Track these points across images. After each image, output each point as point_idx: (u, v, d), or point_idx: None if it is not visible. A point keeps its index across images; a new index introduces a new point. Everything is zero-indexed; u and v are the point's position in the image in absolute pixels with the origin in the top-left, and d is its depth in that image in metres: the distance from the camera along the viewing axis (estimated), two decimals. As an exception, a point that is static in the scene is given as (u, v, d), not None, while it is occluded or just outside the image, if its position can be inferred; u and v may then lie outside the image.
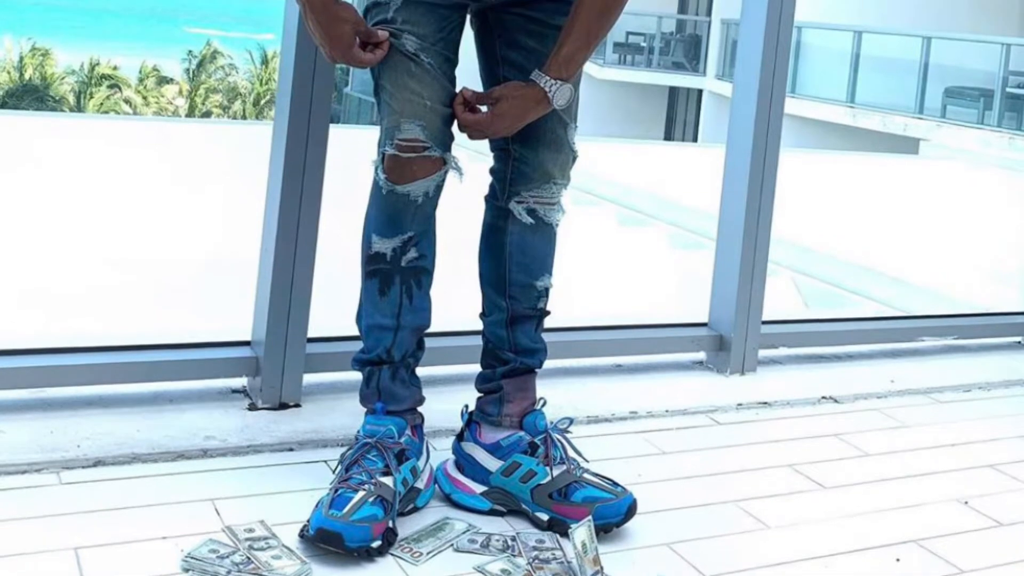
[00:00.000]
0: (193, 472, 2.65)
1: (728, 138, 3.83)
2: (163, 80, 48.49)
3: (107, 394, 2.96)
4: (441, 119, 2.50)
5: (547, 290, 2.73)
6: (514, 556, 2.40)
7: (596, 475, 2.59)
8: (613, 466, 2.80)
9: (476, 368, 2.76)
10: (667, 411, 3.33)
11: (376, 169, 2.52)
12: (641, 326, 3.81)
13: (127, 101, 44.92)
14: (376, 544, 2.33)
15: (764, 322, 3.81)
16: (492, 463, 2.62)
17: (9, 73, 43.69)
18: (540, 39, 2.60)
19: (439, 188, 2.55)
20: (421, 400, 2.65)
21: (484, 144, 2.63)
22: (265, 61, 46.61)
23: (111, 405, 2.91)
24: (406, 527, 2.46)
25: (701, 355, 3.81)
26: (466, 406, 2.74)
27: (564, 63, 2.49)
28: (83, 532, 2.31)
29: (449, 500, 2.63)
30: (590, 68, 25.57)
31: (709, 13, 27.71)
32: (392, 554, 2.35)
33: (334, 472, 2.50)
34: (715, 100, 25.49)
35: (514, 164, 2.64)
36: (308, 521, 2.36)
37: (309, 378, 3.11)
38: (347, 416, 2.97)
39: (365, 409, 2.60)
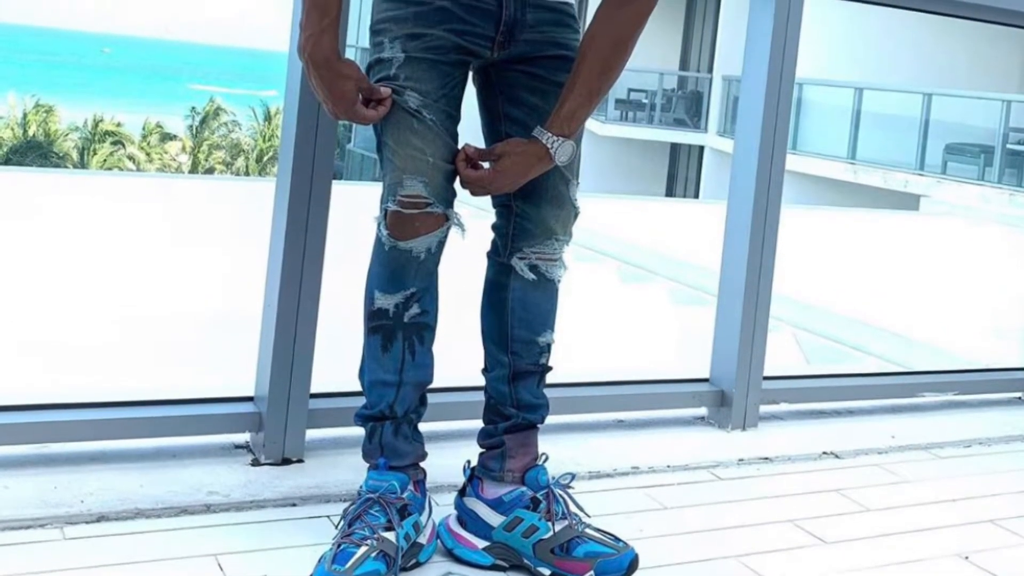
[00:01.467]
0: (196, 528, 2.65)
1: (729, 194, 3.84)
2: (166, 137, 48.68)
3: (110, 449, 2.97)
4: (443, 175, 2.52)
5: (549, 346, 2.74)
6: (516, 611, 2.40)
7: (598, 530, 2.60)
8: (615, 521, 2.81)
9: (478, 423, 2.77)
10: (668, 466, 3.33)
11: (379, 225, 2.54)
12: (642, 382, 3.81)
13: (130, 158, 45.05)
14: (379, 599, 2.34)
15: (765, 377, 3.81)
16: (494, 518, 2.63)
17: (13, 130, 43.84)
18: (542, 96, 2.62)
19: (441, 244, 2.56)
20: (423, 455, 2.66)
21: (486, 200, 2.65)
22: (268, 118, 46.79)
23: (114, 461, 2.92)
24: (408, 582, 2.46)
25: (702, 410, 3.82)
26: (468, 461, 2.75)
27: (566, 120, 2.51)
28: (87, 588, 2.32)
29: (451, 555, 2.63)
30: (592, 124, 25.66)
31: (710, 70, 27.82)
32: (395, 609, 2.36)
33: (337, 527, 2.50)
34: (717, 157, 25.57)
35: (516, 220, 2.66)
36: (311, 576, 2.36)
37: (312, 433, 3.11)
38: (350, 471, 2.98)
39: (368, 464, 2.61)
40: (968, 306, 10.54)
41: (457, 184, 2.56)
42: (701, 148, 27.87)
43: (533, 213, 2.64)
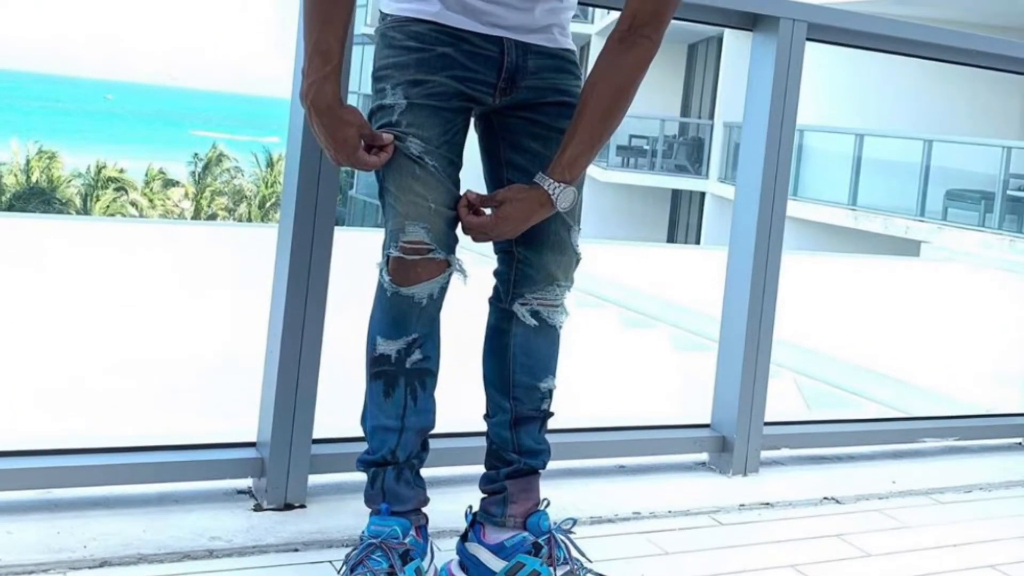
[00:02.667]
0: (199, 573, 2.65)
1: (731, 240, 3.85)
2: (169, 183, 48.79)
3: (113, 495, 2.97)
4: (445, 222, 2.53)
5: (551, 391, 2.75)
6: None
7: (599, 575, 2.60)
8: (616, 567, 2.81)
9: (480, 469, 2.77)
10: (670, 511, 3.33)
11: (381, 271, 2.55)
12: (644, 427, 3.82)
13: (133, 204, 45.14)
14: (381, 644, 2.34)
15: (766, 423, 3.82)
16: (496, 563, 2.63)
17: (16, 176, 43.95)
18: (544, 142, 2.64)
19: (443, 290, 2.57)
20: (425, 501, 2.66)
21: (488, 246, 2.66)
22: (270, 164, 46.92)
23: (117, 506, 2.93)
24: (410, 627, 2.46)
25: (704, 456, 3.82)
26: (470, 507, 2.76)
27: (568, 166, 2.53)
28: (89, 633, 2.32)
29: (453, 600, 2.64)
30: (593, 171, 25.70)
31: (712, 116, 27.88)
32: (396, 654, 2.36)
33: (339, 573, 2.51)
34: (718, 203, 25.60)
35: (518, 266, 2.67)
36: (313, 621, 2.37)
37: (314, 479, 3.12)
38: (352, 517, 2.98)
39: (370, 510, 2.62)
40: (969, 352, 10.53)
41: (459, 230, 2.57)
42: (702, 194, 27.91)
43: (535, 259, 2.65)
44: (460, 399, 3.07)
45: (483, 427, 2.78)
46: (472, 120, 2.68)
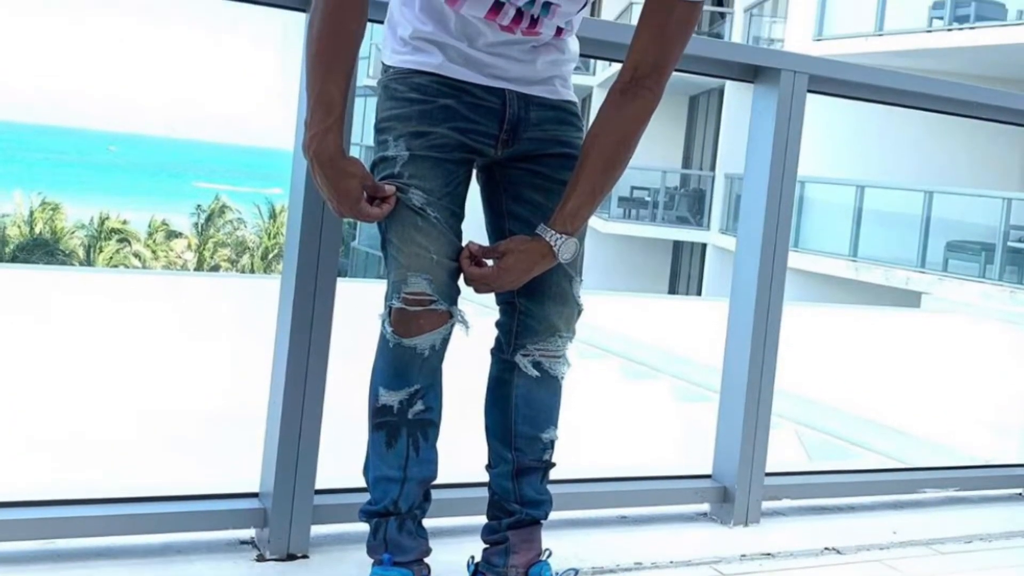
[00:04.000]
0: (201, 623, 2.66)
1: (732, 292, 3.85)
2: (172, 234, 48.85)
3: (116, 545, 2.97)
4: (447, 273, 2.54)
5: (552, 442, 2.76)
6: None
7: (601, 625, 2.61)
8: (618, 617, 2.81)
9: (482, 519, 2.78)
10: (671, 562, 3.33)
11: (383, 322, 2.56)
12: (645, 478, 3.82)
13: (136, 255, 45.18)
14: None
15: (767, 474, 3.81)
16: (498, 613, 2.64)
17: (20, 227, 44.01)
18: (545, 193, 2.65)
19: (445, 341, 2.58)
20: (428, 551, 2.67)
21: (490, 298, 2.67)
22: (273, 215, 46.99)
23: (120, 556, 2.93)
24: (412, 678, 2.46)
25: (705, 506, 3.82)
26: (472, 557, 2.76)
27: (569, 217, 2.54)
28: None
29: (455, 651, 2.64)
30: (595, 222, 25.73)
31: (713, 168, 27.94)
32: None
33: (341, 622, 2.51)
34: (719, 254, 25.61)
35: (520, 317, 2.68)
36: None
37: (317, 529, 3.12)
38: (355, 567, 2.98)
39: (372, 560, 2.62)
40: (969, 402, 10.53)
41: (461, 281, 2.58)
42: (704, 246, 27.93)
43: (537, 310, 2.66)
44: (462, 449, 3.08)
45: (485, 477, 2.78)
46: (474, 172, 2.70)
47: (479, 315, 2.63)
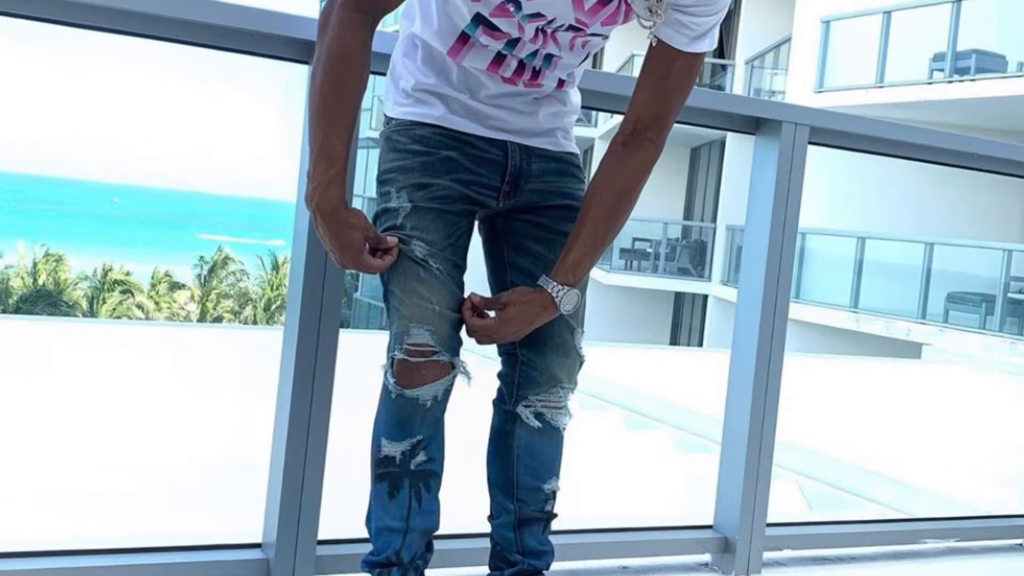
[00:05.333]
0: (203, 674, 2.65)
1: (733, 343, 3.86)
2: (175, 286, 48.87)
3: (118, 596, 2.97)
4: (450, 324, 2.54)
5: (554, 493, 2.76)
6: None
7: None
8: (620, 668, 2.81)
9: (484, 570, 2.78)
10: (674, 613, 3.33)
11: (385, 373, 2.56)
12: (647, 528, 3.81)
13: (139, 306, 45.17)
14: None
15: (769, 524, 3.81)
16: (500, 664, 2.63)
17: (23, 279, 44.04)
18: (547, 245, 2.66)
19: (448, 392, 2.58)
20: (430, 601, 2.67)
21: (492, 349, 2.68)
22: (276, 266, 47.02)
23: (122, 607, 2.92)
24: None
25: (706, 557, 3.81)
26: (474, 607, 2.77)
27: (571, 269, 2.55)
28: None
29: None
30: (596, 273, 25.75)
31: (714, 219, 27.97)
32: None
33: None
34: (720, 305, 25.62)
35: (522, 368, 2.69)
36: None
37: (319, 579, 3.12)
38: (357, 617, 2.98)
39: (375, 610, 2.62)
40: (969, 453, 10.53)
41: (463, 332, 2.59)
42: (705, 297, 27.94)
43: (538, 361, 2.67)
44: (464, 500, 3.08)
45: (487, 528, 2.78)
46: (476, 223, 2.71)
47: (481, 366, 2.64)
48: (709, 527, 3.83)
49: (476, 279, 2.62)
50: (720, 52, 29.03)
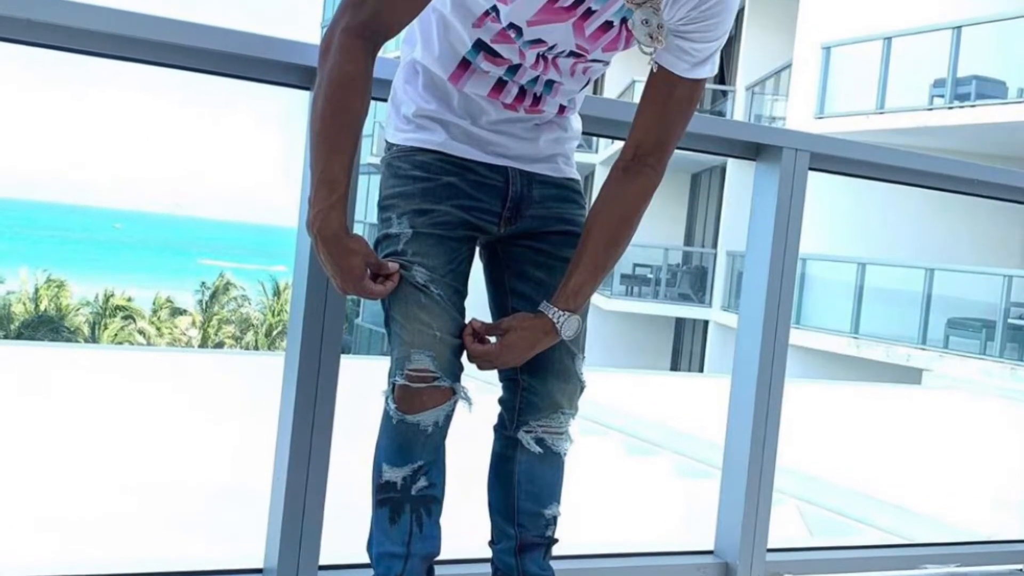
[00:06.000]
0: None
1: (734, 368, 3.86)
2: (176, 311, 48.88)
3: (119, 621, 2.97)
4: (451, 350, 2.54)
5: (555, 518, 2.76)
6: None
7: None
8: None
9: (485, 595, 2.78)
10: (674, 639, 3.33)
11: (386, 399, 2.56)
12: (647, 554, 3.81)
13: (141, 332, 45.16)
14: None
15: (769, 549, 3.81)
16: None
17: (25, 304, 44.03)
18: (548, 271, 2.67)
19: (449, 418, 2.58)
20: (431, 627, 2.67)
21: (493, 374, 2.68)
22: (277, 292, 47.04)
23: (124, 632, 2.92)
24: None
25: (708, 583, 3.82)
26: (475, 633, 2.76)
27: (572, 295, 2.56)
28: None
29: None
30: (597, 299, 25.75)
31: (715, 245, 27.97)
32: None
33: None
34: (721, 331, 25.62)
35: (523, 394, 2.69)
36: None
37: (320, 605, 3.12)
38: (358, 643, 2.98)
39: (376, 636, 2.62)
40: (970, 478, 10.52)
41: (464, 358, 2.59)
42: (706, 322, 27.93)
43: (539, 387, 2.67)
44: (465, 525, 3.08)
45: (488, 553, 2.78)
46: (477, 249, 2.72)
47: (482, 391, 2.64)
48: (710, 552, 3.83)
49: (477, 305, 2.62)
50: (721, 78, 29.07)
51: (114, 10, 2.62)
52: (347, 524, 3.21)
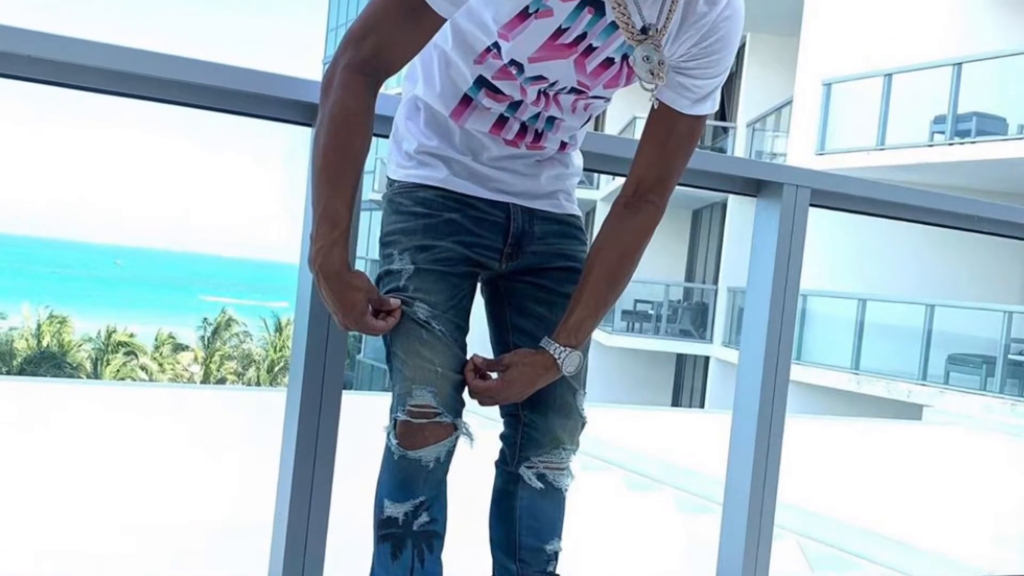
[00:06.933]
0: None
1: (735, 404, 3.85)
2: (179, 347, 48.87)
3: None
4: (452, 386, 2.54)
5: (556, 554, 2.75)
6: None
7: None
8: None
9: (486, 631, 2.78)
10: (676, 676, 3.32)
11: (388, 435, 2.56)
12: (650, 590, 3.81)
13: (143, 368, 45.14)
14: None
15: (771, 586, 3.81)
16: None
17: (27, 340, 44.01)
18: (549, 307, 2.67)
19: (450, 453, 2.58)
20: (432, 663, 2.66)
21: (494, 410, 2.68)
22: (279, 328, 47.05)
23: (124, 669, 2.92)
24: None
25: (710, 619, 3.81)
26: (476, 669, 2.76)
27: (573, 331, 2.56)
28: None
29: None
30: (598, 335, 25.76)
31: (716, 281, 27.98)
32: None
33: None
34: (722, 367, 25.61)
35: (524, 430, 2.69)
36: None
37: (321, 642, 3.11)
38: None
39: (377, 672, 2.61)
40: (970, 514, 10.52)
41: (465, 394, 2.59)
42: (707, 358, 27.92)
43: (540, 423, 2.67)
44: (466, 561, 3.08)
45: (489, 589, 2.78)
46: (479, 285, 2.72)
47: (483, 427, 2.64)
48: (711, 588, 3.82)
49: (478, 340, 2.62)
50: (722, 114, 29.14)
51: (115, 46, 2.63)
52: (349, 560, 3.21)
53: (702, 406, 28.01)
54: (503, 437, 2.74)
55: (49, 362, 42.66)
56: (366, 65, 2.40)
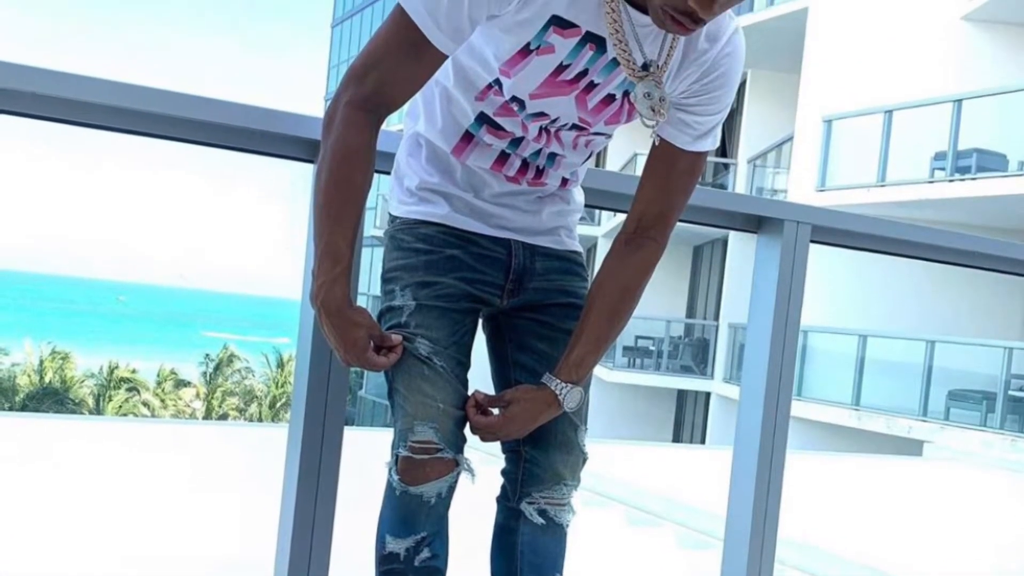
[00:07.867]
0: None
1: (735, 440, 3.85)
2: (181, 383, 48.81)
3: None
4: (454, 422, 2.54)
5: (557, 589, 2.75)
6: None
7: None
8: None
9: (487, 667, 2.77)
10: None
11: (390, 470, 2.56)
12: (651, 626, 3.81)
13: (145, 404, 45.07)
14: None
15: (773, 622, 3.80)
16: None
17: (30, 376, 43.96)
18: (550, 343, 2.68)
19: (452, 489, 2.58)
20: None
21: (496, 446, 2.68)
22: (281, 364, 46.99)
23: None
24: None
25: (711, 656, 3.80)
26: None
27: (574, 367, 2.56)
28: None
29: None
30: (599, 371, 25.74)
31: (717, 318, 27.97)
32: None
33: None
34: (723, 403, 25.59)
35: (525, 466, 2.69)
36: None
37: None
38: None
39: None
40: (971, 549, 10.50)
41: (467, 430, 2.60)
42: (708, 394, 27.90)
43: (542, 458, 2.67)
44: (468, 597, 3.07)
45: (491, 625, 2.78)
46: (480, 321, 2.72)
47: (485, 463, 2.64)
48: (713, 625, 3.82)
49: (479, 376, 2.63)
50: (722, 151, 29.19)
51: (120, 83, 2.64)
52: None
53: (703, 442, 27.97)
54: (504, 473, 2.74)
55: (51, 398, 42.60)
56: (368, 102, 2.41)
